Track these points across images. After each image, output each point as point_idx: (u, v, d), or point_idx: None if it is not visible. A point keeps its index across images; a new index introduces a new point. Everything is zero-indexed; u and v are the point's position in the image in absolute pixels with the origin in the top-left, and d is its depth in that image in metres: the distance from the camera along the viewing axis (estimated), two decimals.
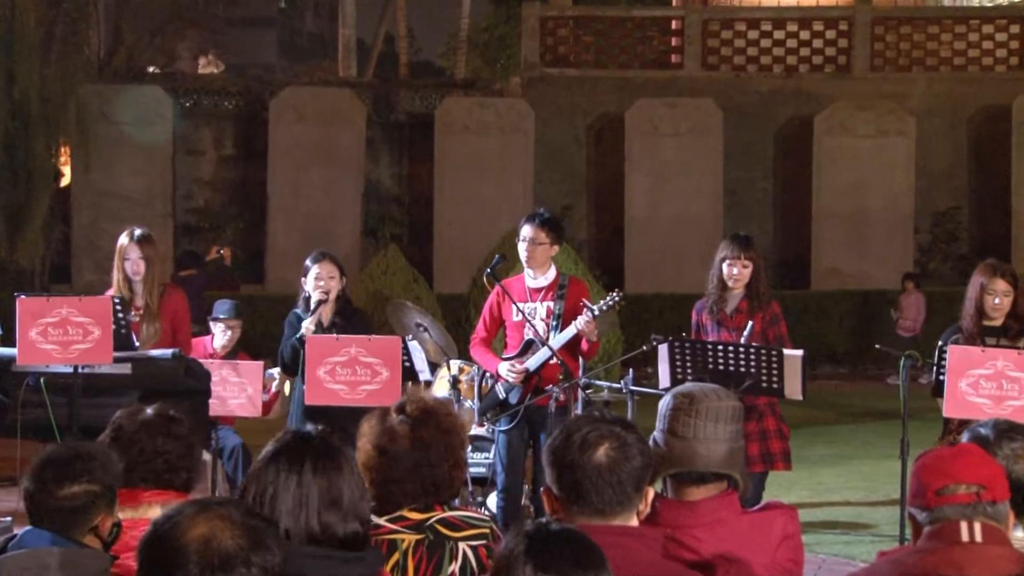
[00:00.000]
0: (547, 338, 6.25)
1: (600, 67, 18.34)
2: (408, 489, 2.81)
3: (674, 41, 18.50)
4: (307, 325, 6.34)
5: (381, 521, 2.81)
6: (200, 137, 17.71)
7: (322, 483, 2.41)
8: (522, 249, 6.35)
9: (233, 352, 7.37)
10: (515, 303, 6.28)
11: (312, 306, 6.37)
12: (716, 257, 6.34)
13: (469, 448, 6.74)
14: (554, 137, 17.81)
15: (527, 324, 6.28)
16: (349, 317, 6.49)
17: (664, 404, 3.01)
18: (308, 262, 6.51)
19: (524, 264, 6.38)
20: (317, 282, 6.41)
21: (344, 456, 2.50)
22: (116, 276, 6.53)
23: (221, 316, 7.41)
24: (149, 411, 3.31)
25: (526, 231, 6.34)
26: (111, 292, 6.54)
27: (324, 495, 2.38)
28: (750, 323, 6.18)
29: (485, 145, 16.92)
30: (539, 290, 6.38)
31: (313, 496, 2.39)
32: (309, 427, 2.54)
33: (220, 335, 7.39)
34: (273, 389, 7.05)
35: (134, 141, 16.26)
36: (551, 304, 6.33)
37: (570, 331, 6.18)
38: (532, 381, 6.27)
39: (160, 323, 6.43)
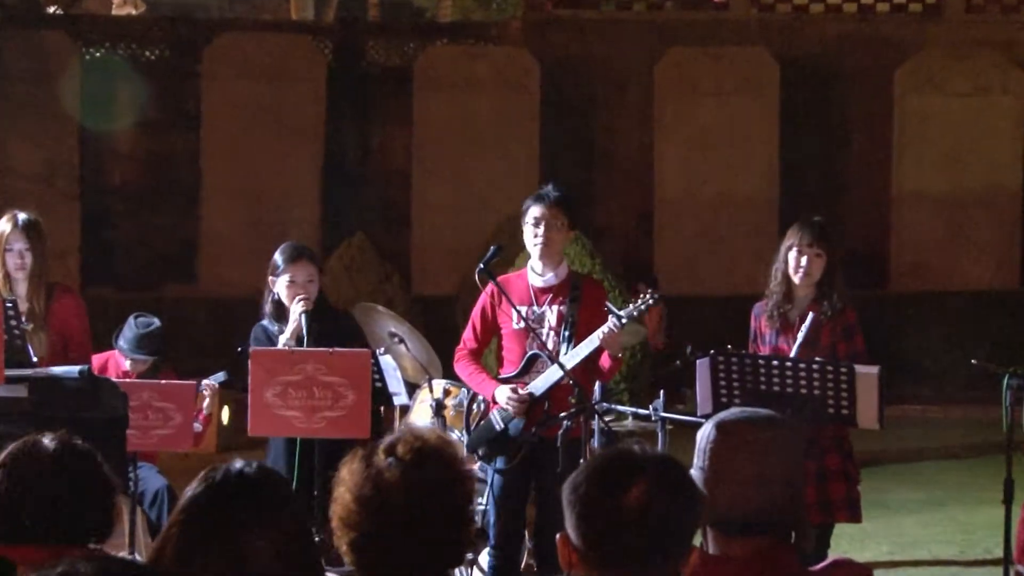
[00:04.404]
0: (558, 352, 6.25)
1: (623, 7, 18.34)
2: (397, 554, 2.80)
3: None
4: (286, 342, 6.34)
5: None
6: (115, 96, 17.69)
7: (273, 536, 2.42)
8: (532, 235, 6.32)
9: (154, 369, 7.35)
10: (514, 307, 6.28)
11: (292, 319, 6.36)
12: (782, 246, 6.37)
13: None
14: (565, 97, 17.80)
15: (531, 334, 6.28)
16: (334, 323, 6.49)
17: (703, 435, 3.03)
18: (279, 260, 6.52)
19: (535, 254, 6.35)
20: (293, 289, 6.42)
21: (290, 494, 2.51)
22: None
23: (124, 346, 7.22)
24: (47, 442, 3.29)
25: (537, 211, 6.32)
26: None
27: (279, 551, 2.39)
28: (811, 315, 6.17)
29: (477, 107, 16.92)
30: (547, 290, 6.38)
31: (264, 554, 2.40)
32: (239, 463, 2.54)
33: (127, 362, 7.30)
34: (204, 411, 7.05)
35: (30, 101, 16.26)
36: (563, 308, 6.32)
37: (590, 343, 6.17)
38: (539, 409, 6.27)
39: (48, 333, 6.43)
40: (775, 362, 5.91)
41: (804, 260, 6.26)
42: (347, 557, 2.82)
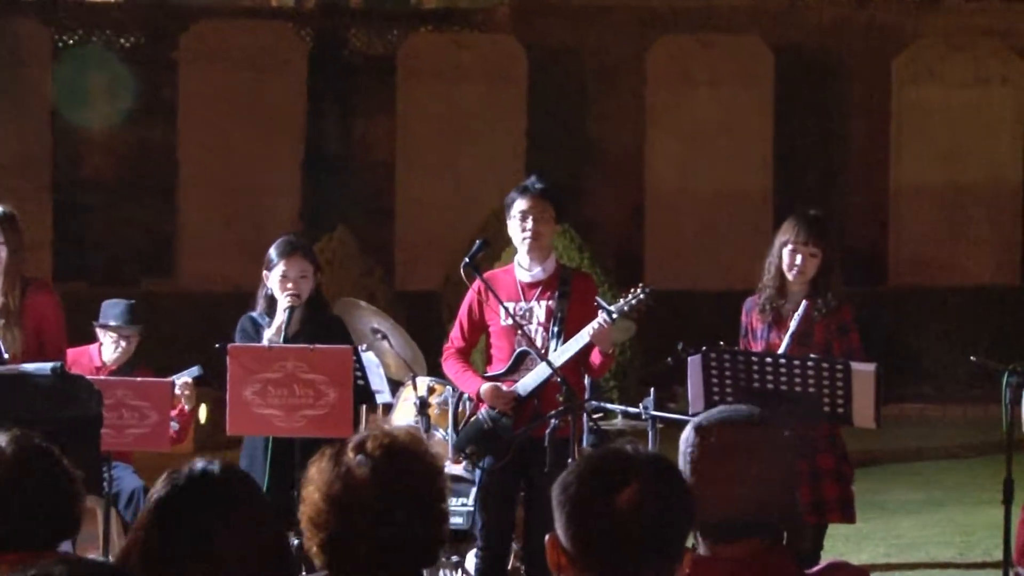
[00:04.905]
0: (546, 349, 6.26)
1: None
2: (369, 553, 2.79)
3: None
4: (270, 336, 6.36)
5: None
6: (89, 85, 17.65)
7: (244, 535, 2.42)
8: (518, 228, 6.34)
9: (130, 366, 7.37)
10: (502, 303, 6.28)
11: (281, 313, 6.39)
12: (776, 241, 6.37)
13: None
14: (554, 86, 17.80)
15: (519, 331, 6.29)
16: (324, 323, 6.52)
17: (685, 436, 3.04)
18: (273, 254, 6.55)
19: (523, 248, 6.37)
20: (284, 283, 6.44)
21: (258, 491, 2.50)
22: None
23: (112, 323, 7.40)
24: (2, 443, 3.27)
25: (523, 204, 6.34)
26: None
27: (249, 550, 2.39)
28: (804, 303, 6.15)
29: (463, 96, 16.91)
30: (536, 285, 6.39)
31: (235, 554, 2.40)
32: (202, 462, 2.54)
33: (110, 347, 7.39)
34: (185, 407, 7.06)
35: (1, 90, 16.22)
36: (551, 304, 6.34)
37: (579, 340, 6.18)
38: (529, 407, 6.27)
39: (22, 330, 6.42)
40: (769, 359, 5.90)
41: (798, 258, 6.25)
42: (318, 559, 2.81)
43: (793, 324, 6.14)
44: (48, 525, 3.20)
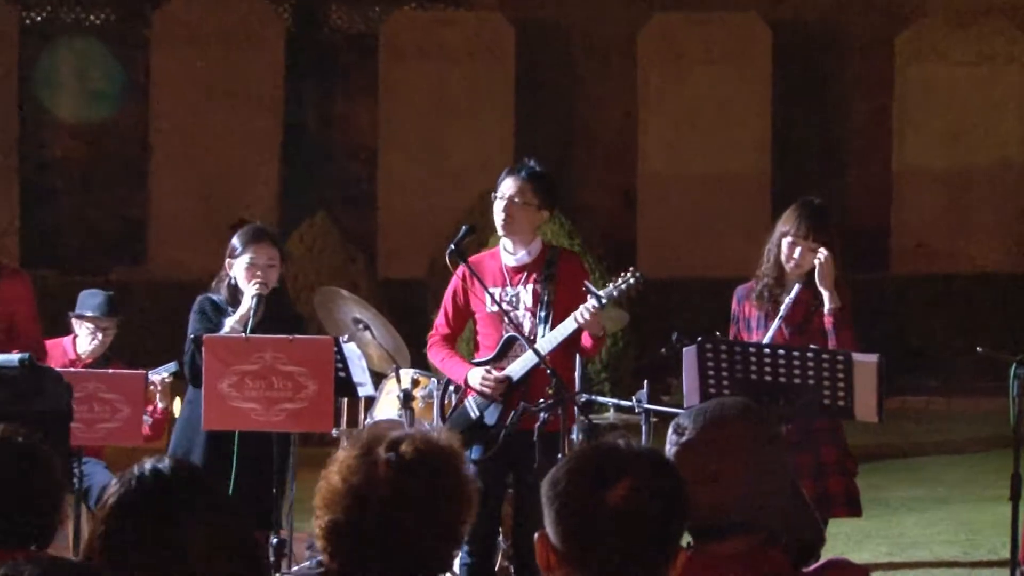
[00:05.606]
0: (534, 335, 6.28)
1: None
2: (369, 552, 2.79)
3: None
4: (233, 325, 6.33)
5: None
6: (57, 64, 17.62)
7: (202, 529, 2.43)
8: (498, 210, 6.38)
9: (104, 359, 7.38)
10: (487, 289, 6.30)
11: (248, 300, 6.37)
12: (776, 230, 6.38)
13: None
14: (543, 66, 17.79)
15: (505, 317, 6.30)
16: (289, 321, 6.50)
17: (668, 435, 3.05)
18: (237, 242, 6.54)
19: (500, 231, 6.41)
20: (252, 271, 6.43)
21: (211, 484, 2.51)
22: None
23: (89, 313, 7.41)
24: None
25: (507, 186, 6.38)
26: None
27: (211, 544, 2.39)
28: (797, 286, 6.17)
29: (448, 76, 16.90)
30: (520, 269, 6.41)
31: (196, 549, 2.41)
32: (150, 461, 2.55)
33: (86, 338, 7.40)
34: (159, 404, 7.07)
35: None
36: (537, 287, 6.36)
37: (567, 327, 6.21)
38: (516, 396, 6.29)
39: None
40: (767, 350, 5.91)
41: (797, 252, 6.27)
42: (319, 542, 2.82)
43: (783, 308, 6.17)
44: (25, 524, 3.21)
